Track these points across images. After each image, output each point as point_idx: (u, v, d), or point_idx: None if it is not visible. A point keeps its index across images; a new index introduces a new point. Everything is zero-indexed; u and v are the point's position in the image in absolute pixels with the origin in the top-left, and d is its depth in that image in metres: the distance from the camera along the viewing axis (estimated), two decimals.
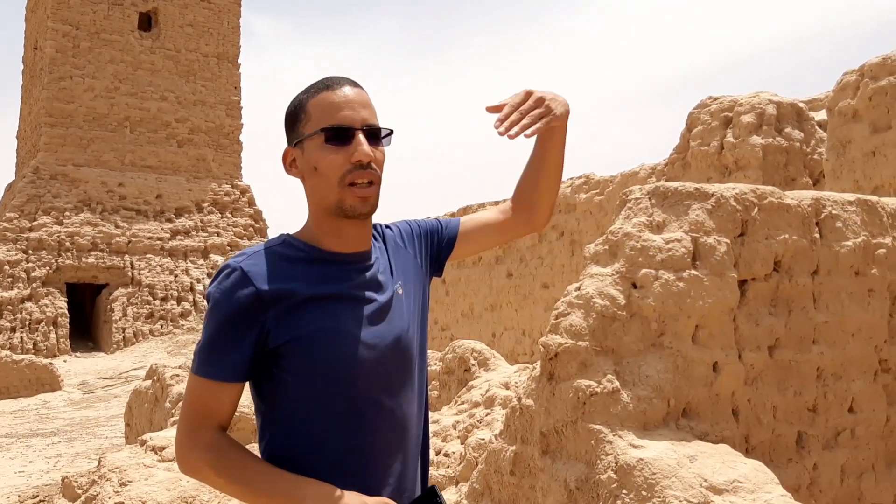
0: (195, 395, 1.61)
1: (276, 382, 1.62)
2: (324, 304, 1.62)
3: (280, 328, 1.58)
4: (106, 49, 31.35)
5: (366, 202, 1.65)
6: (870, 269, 3.90)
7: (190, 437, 1.60)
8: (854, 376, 3.82)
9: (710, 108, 11.17)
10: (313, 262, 1.66)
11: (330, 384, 1.61)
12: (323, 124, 1.64)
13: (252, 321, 1.57)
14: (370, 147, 1.65)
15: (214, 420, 1.61)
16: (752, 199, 3.58)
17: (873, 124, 8.69)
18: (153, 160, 32.05)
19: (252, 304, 1.57)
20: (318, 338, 1.59)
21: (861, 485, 3.80)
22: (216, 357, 1.58)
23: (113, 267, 29.52)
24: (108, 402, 18.06)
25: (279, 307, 1.58)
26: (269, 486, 1.55)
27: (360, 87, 1.71)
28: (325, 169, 1.64)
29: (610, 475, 3.01)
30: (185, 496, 6.15)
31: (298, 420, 1.62)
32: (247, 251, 1.65)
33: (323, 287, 1.63)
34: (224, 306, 1.58)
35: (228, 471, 1.56)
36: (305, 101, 1.68)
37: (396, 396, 1.70)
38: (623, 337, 3.28)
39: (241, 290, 1.57)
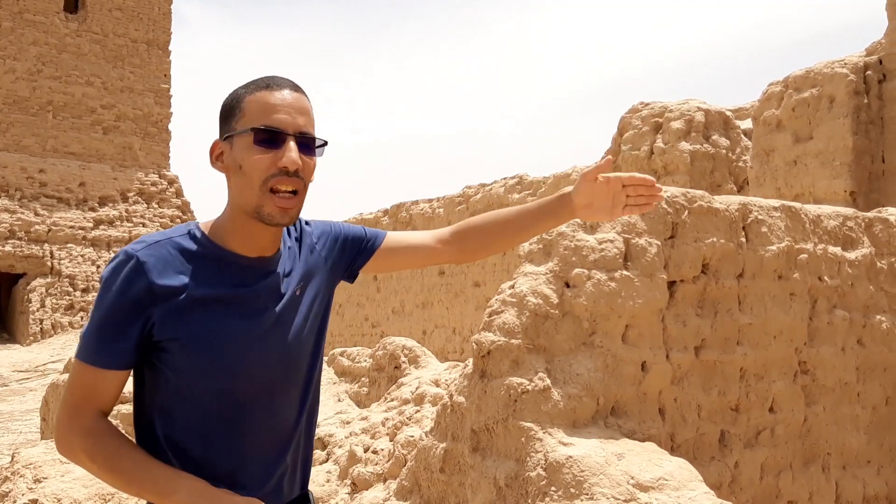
0: (78, 379, 1.58)
1: (156, 373, 1.61)
2: (211, 307, 1.59)
3: (165, 324, 1.56)
4: (29, 30, 30.18)
5: (285, 213, 1.60)
6: (792, 274, 4.03)
7: (70, 420, 1.57)
8: (775, 377, 3.94)
9: (641, 114, 11.40)
10: (211, 261, 1.62)
11: (208, 385, 1.60)
12: (255, 124, 1.59)
13: (140, 313, 1.55)
14: (300, 155, 1.60)
15: (95, 405, 1.59)
16: (683, 202, 3.65)
17: (796, 134, 9.00)
18: (77, 147, 31.01)
19: (142, 297, 1.55)
20: (200, 341, 1.57)
21: (779, 482, 3.91)
22: (102, 344, 1.56)
23: (31, 256, 28.46)
24: (24, 395, 17.41)
25: (168, 303, 1.56)
26: (143, 475, 1.53)
27: (302, 92, 1.66)
28: (250, 169, 1.59)
29: (539, 472, 3.03)
30: (103, 493, 5.96)
31: (175, 414, 1.61)
32: (147, 238, 1.61)
33: (215, 289, 1.60)
34: (115, 294, 1.55)
35: (103, 458, 1.54)
36: (243, 97, 1.63)
37: (278, 400, 1.68)
38: (555, 335, 3.30)
39: (134, 281, 1.55)
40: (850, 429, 4.29)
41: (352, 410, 6.72)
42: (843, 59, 8.94)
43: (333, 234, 1.88)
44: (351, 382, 7.86)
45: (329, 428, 5.83)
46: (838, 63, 8.88)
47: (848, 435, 4.27)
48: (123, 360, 1.57)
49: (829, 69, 8.84)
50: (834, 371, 4.22)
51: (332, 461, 5.34)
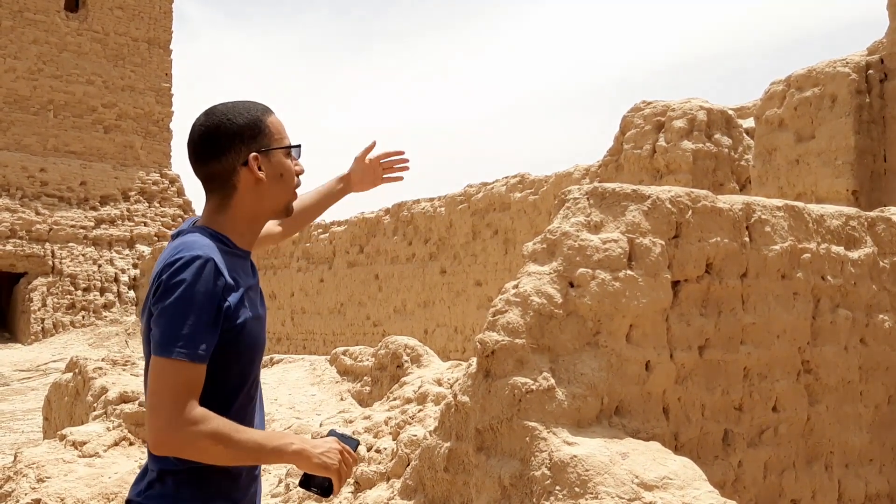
0: (183, 377, 1.75)
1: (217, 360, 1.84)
2: (249, 295, 1.93)
3: (231, 315, 1.84)
4: (30, 29, 30.19)
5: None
6: (795, 273, 4.03)
7: (181, 415, 1.73)
8: (778, 376, 3.95)
9: (643, 113, 11.40)
10: (237, 258, 1.95)
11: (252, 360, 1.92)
12: (286, 142, 2.00)
13: (221, 309, 1.81)
14: None
15: (196, 397, 1.77)
16: (687, 201, 3.65)
17: (798, 133, 9.01)
18: (78, 146, 31.03)
19: (221, 294, 1.81)
20: (249, 322, 1.88)
21: (782, 481, 3.92)
22: (199, 342, 1.76)
23: (32, 255, 28.48)
24: (25, 395, 17.43)
25: (233, 296, 1.85)
26: (264, 439, 1.80)
27: None
28: (289, 176, 2.01)
29: (544, 472, 3.04)
30: (107, 492, 5.98)
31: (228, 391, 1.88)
32: (200, 242, 1.85)
33: (247, 280, 1.95)
34: (202, 294, 1.77)
35: (225, 436, 1.75)
36: (262, 119, 1.97)
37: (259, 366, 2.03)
38: (559, 335, 3.31)
39: (215, 281, 1.80)
40: (852, 428, 4.30)
41: (354, 409, 6.73)
42: (844, 58, 8.95)
43: None
44: (353, 381, 7.87)
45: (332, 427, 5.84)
46: (840, 62, 8.89)
47: (850, 434, 4.28)
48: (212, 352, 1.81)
49: (831, 68, 8.85)
50: (837, 370, 4.22)
51: None
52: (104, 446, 6.50)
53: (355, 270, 19.27)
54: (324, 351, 17.00)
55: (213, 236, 1.91)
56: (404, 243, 17.69)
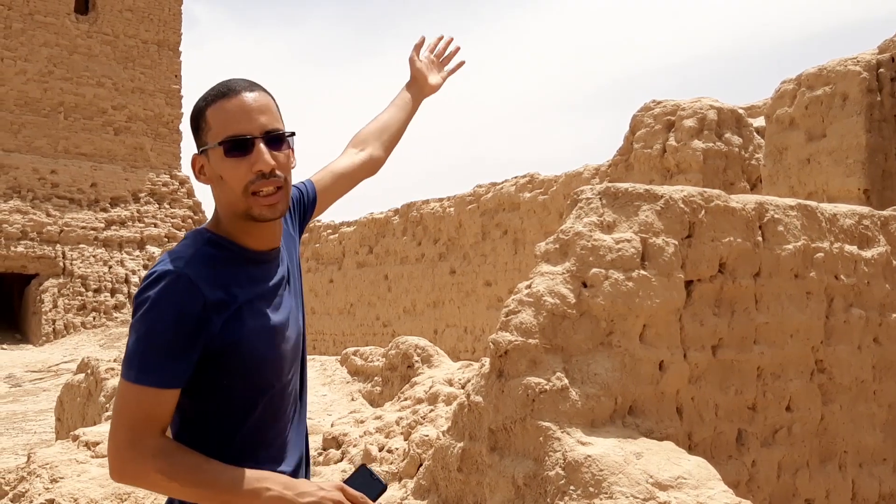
0: (135, 402, 1.57)
1: (209, 381, 1.64)
2: (255, 306, 1.67)
3: (222, 333, 1.61)
4: (40, 31, 30.33)
5: (274, 209, 1.66)
6: (808, 273, 4.02)
7: (132, 445, 1.56)
8: (792, 376, 3.94)
9: (653, 112, 11.38)
10: (242, 264, 1.69)
11: (262, 377, 1.68)
12: (221, 136, 1.64)
13: (199, 329, 1.58)
14: (273, 152, 1.65)
15: (158, 425, 1.59)
16: (700, 201, 3.65)
17: (809, 132, 8.98)
18: (88, 147, 31.16)
19: (200, 313, 1.58)
20: (253, 337, 1.65)
21: (796, 481, 3.92)
22: (162, 364, 1.56)
23: (43, 256, 28.61)
24: (37, 395, 17.51)
25: (222, 313, 1.61)
26: (229, 482, 1.56)
27: (258, 89, 1.69)
28: (229, 179, 1.65)
29: (558, 471, 3.04)
30: (120, 493, 6.00)
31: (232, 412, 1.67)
32: (179, 253, 1.63)
33: (254, 289, 1.68)
34: (171, 313, 1.56)
35: (183, 474, 1.55)
36: (204, 109, 1.67)
37: (294, 375, 1.80)
38: (573, 335, 3.31)
39: (189, 299, 1.57)
40: (866, 427, 4.28)
41: (365, 410, 6.74)
42: (855, 56, 8.91)
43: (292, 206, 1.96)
44: (364, 382, 7.89)
45: (343, 427, 5.85)
46: (851, 61, 8.85)
47: (864, 433, 4.27)
48: (184, 378, 1.59)
49: (842, 67, 8.81)
50: (850, 369, 4.21)
51: (346, 460, 5.36)
52: None
53: (365, 271, 19.30)
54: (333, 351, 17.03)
55: (210, 241, 1.68)
56: (414, 244, 17.70)
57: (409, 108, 2.40)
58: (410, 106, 2.41)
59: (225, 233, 1.70)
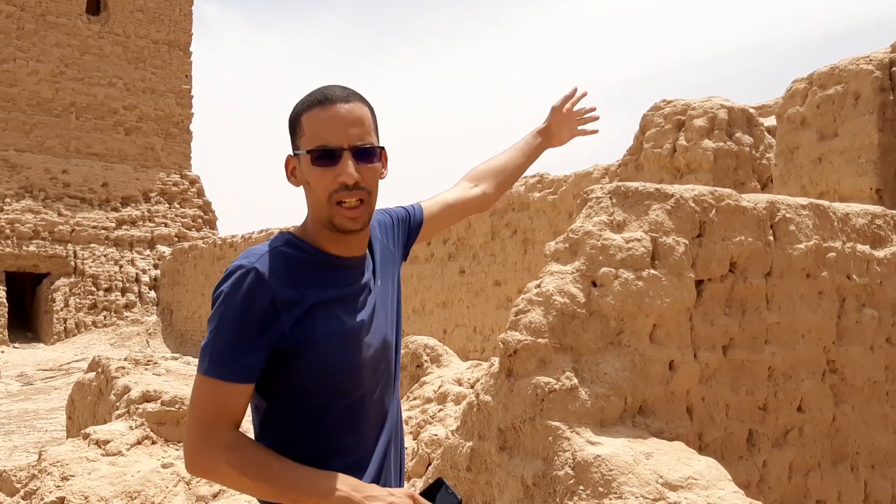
0: (209, 395, 1.61)
1: (284, 382, 1.66)
2: (330, 308, 1.67)
3: (292, 332, 1.62)
4: (52, 32, 30.51)
5: (355, 221, 1.69)
6: (820, 272, 3.99)
7: (205, 438, 1.59)
8: (803, 376, 3.91)
9: (663, 111, 11.34)
10: (319, 266, 1.70)
11: (336, 383, 1.67)
12: (311, 145, 1.68)
13: (267, 324, 1.60)
14: (360, 165, 1.68)
15: (230, 419, 1.61)
16: (711, 200, 3.63)
17: (820, 131, 8.92)
18: (99, 147, 31.32)
19: (268, 308, 1.60)
20: (326, 340, 1.65)
21: (807, 482, 3.89)
22: (232, 358, 1.59)
23: (55, 256, 28.78)
24: (48, 394, 17.60)
25: (292, 311, 1.62)
26: (297, 480, 1.58)
27: (355, 100, 1.72)
28: (315, 186, 1.69)
29: (567, 471, 3.03)
30: (130, 491, 6.02)
31: (305, 416, 1.67)
32: (254, 251, 1.67)
33: (328, 291, 1.68)
34: (240, 308, 1.59)
35: (253, 469, 1.57)
36: (301, 114, 1.71)
37: (382, 386, 1.78)
38: (582, 335, 3.30)
39: (258, 293, 1.60)
40: (878, 428, 4.25)
41: None
42: (868, 55, 8.85)
43: (389, 222, 2.00)
44: None
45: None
46: (863, 59, 8.79)
47: (877, 434, 4.23)
48: (254, 373, 1.61)
49: (855, 66, 8.75)
50: (863, 370, 4.18)
51: None
52: (127, 445, 6.55)
53: None
54: None
55: (289, 242, 1.71)
56: (423, 243, 17.67)
57: (530, 154, 2.41)
58: (533, 152, 2.42)
59: (308, 237, 1.74)
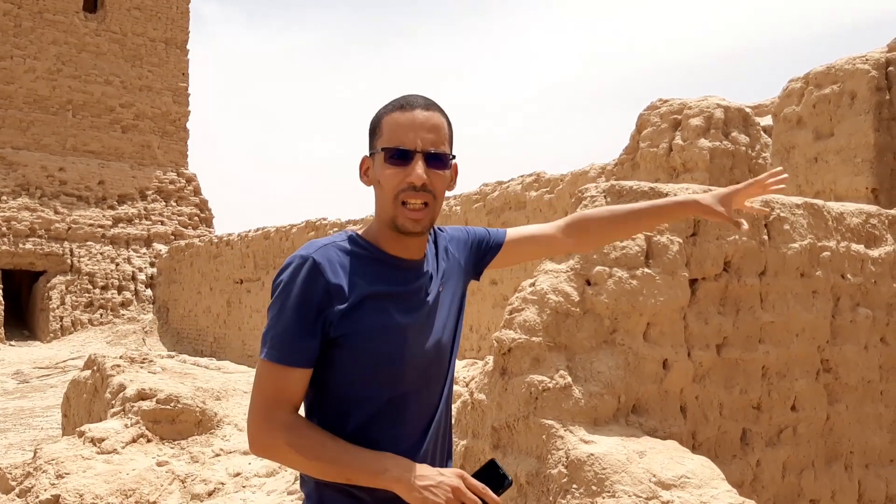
0: (269, 378, 1.70)
1: (330, 369, 1.74)
2: (380, 302, 1.74)
3: (341, 321, 1.70)
4: (49, 29, 30.43)
5: (417, 223, 1.76)
6: (815, 271, 4.00)
7: (266, 418, 1.69)
8: (797, 375, 3.91)
9: (659, 111, 11.34)
10: (372, 262, 1.78)
11: (379, 375, 1.74)
12: (387, 143, 1.75)
13: (321, 311, 1.70)
14: (430, 170, 1.75)
15: (289, 402, 1.70)
16: None
17: (816, 131, 8.93)
18: (96, 145, 31.26)
19: (321, 296, 1.69)
20: (374, 333, 1.72)
21: (801, 481, 3.89)
22: (290, 343, 1.69)
23: (51, 254, 28.72)
24: (44, 392, 17.57)
25: (342, 301, 1.70)
26: (351, 459, 1.66)
27: (434, 109, 1.80)
28: (384, 184, 1.76)
29: (561, 470, 3.03)
30: (125, 489, 6.01)
31: (347, 405, 1.74)
32: (315, 243, 1.77)
33: (381, 286, 1.76)
34: (297, 295, 1.69)
35: (309, 449, 1.67)
36: (382, 117, 1.79)
37: (431, 386, 1.84)
38: (576, 333, 3.30)
39: (313, 282, 1.69)
40: (872, 427, 4.26)
41: None
42: (864, 54, 8.85)
43: (464, 238, 2.06)
44: None
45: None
46: (860, 59, 8.79)
47: (871, 434, 4.24)
48: (310, 358, 1.70)
49: (851, 65, 8.76)
50: (857, 369, 4.18)
51: None
52: (122, 443, 6.54)
53: None
54: None
55: (350, 238, 1.80)
56: None
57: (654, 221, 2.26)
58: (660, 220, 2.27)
59: (370, 236, 1.82)
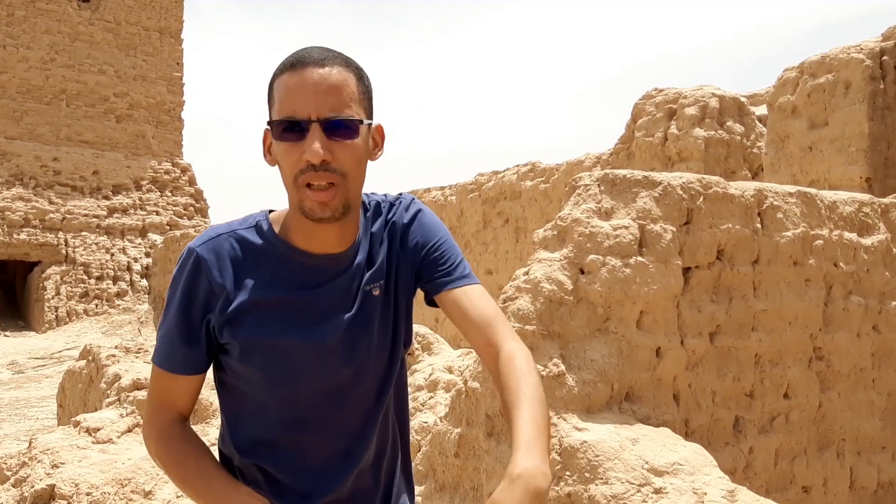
0: (154, 381, 1.55)
1: (225, 377, 1.56)
2: (270, 312, 1.47)
3: (223, 329, 1.48)
4: (42, 19, 30.27)
5: (325, 207, 1.41)
6: (807, 260, 4.01)
7: (148, 423, 1.54)
8: (790, 363, 3.93)
9: (655, 100, 11.34)
10: (274, 259, 1.49)
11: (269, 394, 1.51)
12: (277, 116, 1.41)
13: (204, 314, 1.48)
14: (331, 142, 1.39)
15: (172, 409, 1.53)
16: (698, 188, 3.64)
17: (811, 120, 8.94)
18: (90, 135, 31.15)
19: (205, 297, 1.47)
20: (256, 349, 1.47)
21: (793, 468, 3.92)
22: (173, 348, 1.50)
23: (46, 244, 28.66)
24: (39, 382, 17.56)
25: (226, 304, 1.47)
26: (203, 487, 1.45)
27: (335, 63, 1.42)
28: (282, 163, 1.44)
29: (554, 457, 3.04)
30: (121, 478, 6.02)
31: (241, 419, 1.54)
32: (213, 230, 1.51)
33: (274, 291, 1.47)
34: (179, 294, 1.48)
35: (171, 463, 1.49)
36: (273, 80, 1.44)
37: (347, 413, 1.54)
38: (569, 322, 3.31)
39: (196, 280, 1.47)
40: (865, 415, 4.28)
41: None
42: (858, 44, 8.85)
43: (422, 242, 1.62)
44: None
45: None
46: (854, 48, 8.80)
47: (863, 421, 4.26)
48: (194, 366, 1.50)
49: (845, 54, 8.76)
50: (849, 357, 4.21)
51: None
52: (118, 433, 6.55)
53: None
54: None
55: (257, 226, 1.51)
56: None
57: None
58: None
59: (281, 223, 1.51)
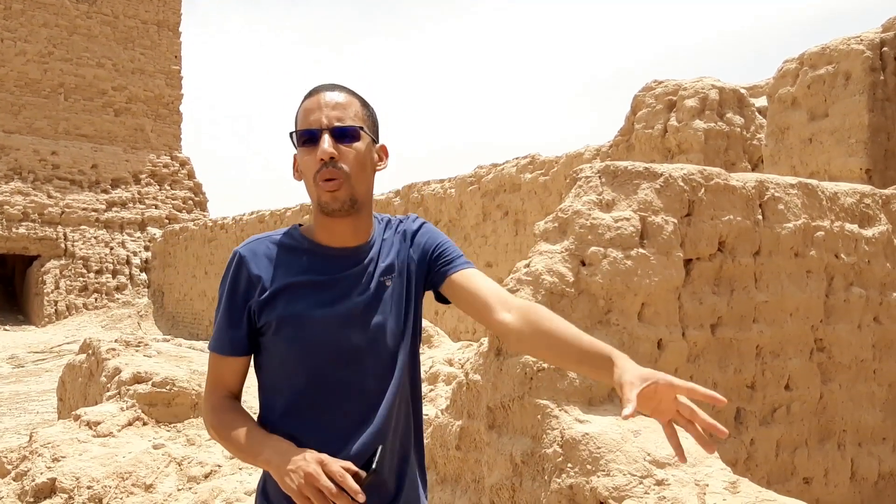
0: (210, 365, 1.85)
1: (262, 356, 1.84)
2: (297, 291, 1.79)
3: (262, 310, 1.78)
4: (40, 12, 30.19)
5: (334, 198, 1.75)
6: (808, 251, 4.01)
7: (205, 400, 1.84)
8: (791, 355, 3.93)
9: (654, 92, 11.31)
10: (302, 253, 1.83)
11: (296, 361, 1.79)
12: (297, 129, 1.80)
13: (245, 303, 1.80)
14: (338, 145, 1.76)
15: (224, 387, 1.84)
16: (700, 179, 3.63)
17: (811, 112, 8.92)
18: (89, 129, 31.09)
19: (245, 287, 1.80)
20: (287, 323, 1.77)
21: (794, 459, 3.92)
22: (221, 333, 1.82)
23: (45, 238, 28.65)
24: (39, 376, 17.57)
25: (263, 291, 1.78)
26: (242, 440, 1.75)
27: (341, 90, 1.82)
28: (304, 169, 1.80)
29: (556, 449, 3.04)
30: (121, 472, 6.02)
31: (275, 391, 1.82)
32: (253, 238, 1.87)
33: (302, 276, 1.80)
34: (227, 288, 1.81)
35: (220, 428, 1.78)
36: (297, 110, 1.83)
37: (367, 379, 1.80)
38: (571, 314, 3.30)
39: (239, 274, 1.81)
40: (865, 406, 4.28)
41: None
42: (859, 35, 8.83)
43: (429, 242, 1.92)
44: None
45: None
46: (854, 39, 8.77)
47: (864, 412, 4.26)
48: (240, 347, 1.82)
49: (845, 46, 8.74)
50: (850, 348, 4.20)
51: None
52: (118, 426, 6.55)
53: None
54: None
55: (288, 232, 1.87)
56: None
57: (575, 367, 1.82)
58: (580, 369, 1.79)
59: (306, 228, 1.88)
